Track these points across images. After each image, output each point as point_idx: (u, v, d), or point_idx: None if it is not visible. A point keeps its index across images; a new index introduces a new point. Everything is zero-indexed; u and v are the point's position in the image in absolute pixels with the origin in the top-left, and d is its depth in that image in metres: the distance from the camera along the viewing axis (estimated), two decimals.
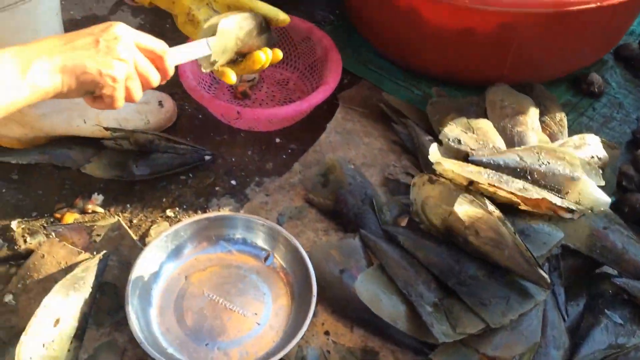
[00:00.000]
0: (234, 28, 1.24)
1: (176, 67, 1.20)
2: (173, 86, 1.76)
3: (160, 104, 1.67)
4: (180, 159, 1.59)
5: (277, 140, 1.70)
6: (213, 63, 1.24)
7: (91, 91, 1.06)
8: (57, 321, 1.24)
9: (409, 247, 1.35)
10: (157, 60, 1.13)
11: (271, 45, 1.35)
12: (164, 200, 1.54)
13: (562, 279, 1.32)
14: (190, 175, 1.60)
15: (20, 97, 0.97)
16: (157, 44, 1.12)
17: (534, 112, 1.60)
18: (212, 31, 1.23)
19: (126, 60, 1.06)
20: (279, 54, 1.36)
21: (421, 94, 1.78)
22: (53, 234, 1.44)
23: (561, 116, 1.65)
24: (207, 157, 1.61)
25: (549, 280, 1.21)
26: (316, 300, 1.28)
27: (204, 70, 1.26)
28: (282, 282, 1.37)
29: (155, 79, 1.13)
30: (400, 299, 1.28)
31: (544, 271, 1.22)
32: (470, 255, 1.30)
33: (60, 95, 1.03)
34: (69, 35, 1.04)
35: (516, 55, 1.64)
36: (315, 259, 1.36)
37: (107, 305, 1.32)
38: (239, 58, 1.31)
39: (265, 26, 1.32)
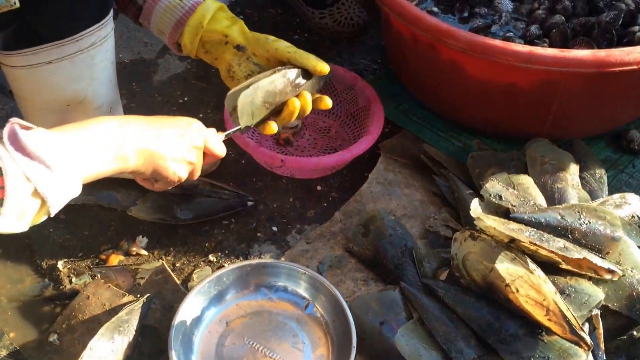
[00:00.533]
0: (257, 94, 1.30)
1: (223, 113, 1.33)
2: (218, 130, 1.80)
3: None
4: (223, 204, 1.62)
5: (318, 187, 1.72)
6: (247, 128, 1.31)
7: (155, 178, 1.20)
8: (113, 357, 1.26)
9: (448, 301, 1.36)
10: (211, 157, 1.27)
11: (317, 91, 1.39)
12: (207, 244, 1.57)
13: (601, 339, 1.32)
14: (233, 220, 1.63)
15: (108, 170, 1.06)
16: (220, 149, 1.27)
17: (574, 169, 1.61)
18: (234, 100, 1.29)
19: (194, 164, 1.21)
20: (327, 101, 1.41)
21: (461, 146, 1.80)
22: (99, 275, 1.47)
23: (601, 173, 1.66)
24: (249, 203, 1.64)
25: (589, 342, 1.22)
26: (355, 351, 1.29)
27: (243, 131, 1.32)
28: (322, 331, 1.39)
29: (197, 176, 1.27)
30: (440, 354, 1.29)
31: (584, 332, 1.23)
32: (511, 313, 1.30)
33: (131, 174, 1.15)
34: (159, 122, 1.16)
35: (557, 112, 1.66)
36: (356, 310, 1.38)
37: (148, 348, 1.35)
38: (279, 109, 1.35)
39: (305, 76, 1.35)
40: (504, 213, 1.44)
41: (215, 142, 1.25)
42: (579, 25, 1.74)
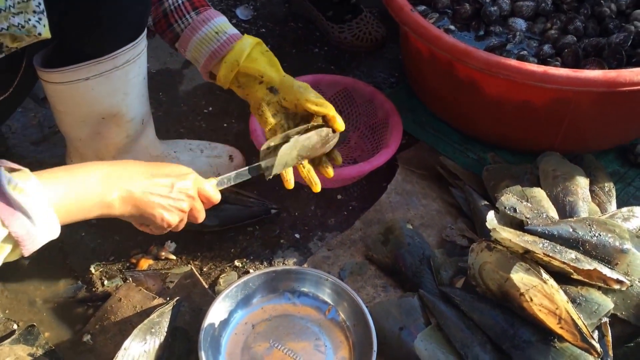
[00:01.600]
0: (293, 148, 1.38)
1: (248, 123, 1.49)
2: (241, 140, 1.88)
3: (231, 158, 1.77)
4: (248, 212, 1.69)
5: (339, 197, 1.79)
6: (269, 174, 1.39)
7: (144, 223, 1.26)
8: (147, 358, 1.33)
9: (465, 308, 1.42)
10: (208, 203, 1.31)
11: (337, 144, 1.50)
12: (232, 250, 1.63)
13: (610, 347, 1.38)
14: (257, 227, 1.70)
15: (91, 216, 1.12)
16: (215, 195, 1.31)
17: (584, 183, 1.67)
18: (266, 153, 1.39)
19: (185, 211, 1.26)
20: (338, 157, 1.53)
21: (476, 158, 1.87)
22: (130, 278, 1.53)
23: (610, 186, 1.73)
24: (272, 211, 1.71)
25: (599, 349, 1.28)
26: (376, 355, 1.36)
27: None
28: (343, 335, 1.45)
29: (201, 219, 1.32)
30: (457, 359, 1.36)
31: (595, 339, 1.30)
32: (525, 320, 1.37)
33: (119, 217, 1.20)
34: (151, 169, 1.21)
35: (569, 127, 1.72)
36: (376, 315, 1.44)
37: (178, 349, 1.41)
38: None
39: (332, 135, 1.45)
40: (518, 225, 1.51)
41: (210, 189, 1.29)
42: (590, 46, 1.80)
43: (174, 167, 1.25)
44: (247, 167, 1.37)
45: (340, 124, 1.45)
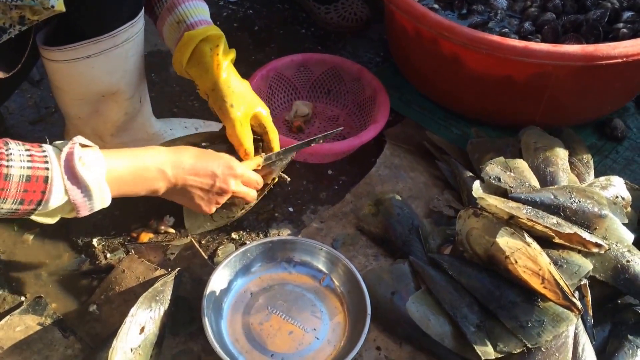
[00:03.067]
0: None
1: None
2: None
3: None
4: None
5: (329, 172, 1.86)
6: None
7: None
8: (142, 329, 1.38)
9: (453, 273, 1.50)
10: (256, 186, 1.48)
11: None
12: (229, 223, 1.69)
13: (589, 306, 1.46)
14: None
15: (140, 194, 1.31)
16: (257, 179, 1.47)
17: (563, 154, 1.75)
18: None
19: (221, 203, 1.44)
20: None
21: (460, 133, 1.94)
22: (132, 251, 1.59)
23: (588, 158, 1.80)
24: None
25: (580, 306, 1.36)
26: (370, 319, 1.43)
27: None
28: (338, 301, 1.52)
29: (251, 200, 1.50)
30: (447, 319, 1.43)
31: (575, 298, 1.37)
32: (510, 282, 1.44)
33: None
34: (200, 162, 1.35)
35: (549, 102, 1.79)
36: (369, 282, 1.51)
37: (181, 317, 1.47)
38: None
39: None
40: (502, 194, 1.58)
41: (252, 176, 1.46)
42: (569, 22, 1.87)
43: (222, 159, 1.38)
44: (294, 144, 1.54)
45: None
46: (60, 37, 1.43)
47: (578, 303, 1.36)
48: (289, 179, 1.58)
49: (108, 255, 1.60)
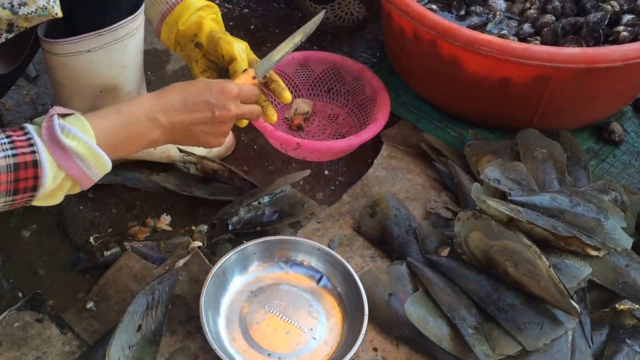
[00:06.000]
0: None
1: None
2: None
3: None
4: (237, 192, 1.75)
5: (326, 172, 1.86)
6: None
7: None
8: (139, 327, 1.38)
9: (451, 275, 1.50)
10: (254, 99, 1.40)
11: None
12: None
13: (588, 310, 1.46)
14: None
15: (140, 149, 1.28)
16: (253, 91, 1.39)
17: (561, 157, 1.75)
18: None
19: (228, 131, 1.37)
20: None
21: (456, 135, 1.94)
22: (129, 248, 1.58)
23: (585, 161, 1.81)
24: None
25: (578, 310, 1.36)
26: (367, 320, 1.43)
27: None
28: (335, 302, 1.52)
29: (255, 118, 1.42)
30: (445, 321, 1.43)
31: (574, 301, 1.38)
32: (508, 285, 1.45)
33: None
34: (190, 96, 1.28)
35: (547, 104, 1.80)
36: (366, 283, 1.51)
37: (178, 315, 1.47)
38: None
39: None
40: (501, 196, 1.58)
41: (250, 90, 1.38)
42: (569, 24, 1.88)
43: (212, 85, 1.31)
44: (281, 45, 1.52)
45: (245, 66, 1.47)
46: (62, 30, 1.42)
47: (577, 306, 1.36)
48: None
49: (105, 252, 1.59)
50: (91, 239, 1.62)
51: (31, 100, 1.98)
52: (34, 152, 1.06)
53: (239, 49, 1.45)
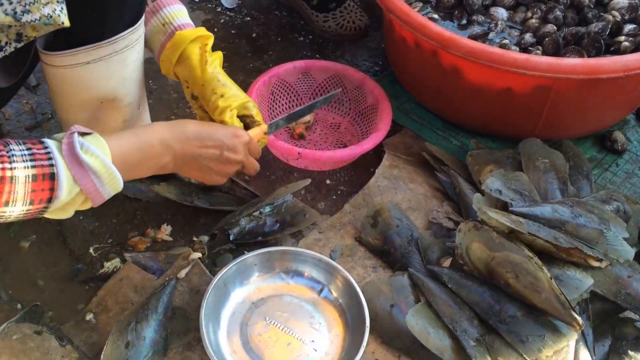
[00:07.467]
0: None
1: None
2: None
3: None
4: (237, 201, 1.74)
5: (328, 182, 1.85)
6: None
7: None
8: (138, 339, 1.38)
9: (452, 286, 1.49)
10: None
11: None
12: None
13: (590, 322, 1.46)
14: None
15: (150, 173, 1.34)
16: (259, 147, 1.52)
17: (564, 167, 1.75)
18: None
19: (231, 174, 1.48)
20: None
21: (458, 144, 1.94)
22: (129, 259, 1.57)
23: (588, 171, 1.80)
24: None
25: (580, 322, 1.35)
26: (368, 331, 1.42)
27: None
28: (337, 313, 1.51)
29: (254, 172, 1.54)
30: (447, 333, 1.42)
31: (576, 313, 1.37)
32: (510, 296, 1.44)
33: None
34: (205, 132, 1.38)
35: (549, 114, 1.79)
36: (368, 294, 1.50)
37: (177, 327, 1.46)
38: None
39: None
40: (503, 207, 1.57)
41: (257, 148, 1.50)
42: (570, 34, 1.87)
43: (228, 128, 1.41)
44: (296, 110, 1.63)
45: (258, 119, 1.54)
46: (60, 42, 1.41)
47: (579, 318, 1.36)
48: None
49: (105, 263, 1.58)
50: (91, 250, 1.62)
51: (31, 110, 1.97)
52: (52, 165, 1.11)
53: (230, 115, 1.48)
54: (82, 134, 1.17)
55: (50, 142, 1.14)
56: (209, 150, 1.37)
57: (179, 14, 1.53)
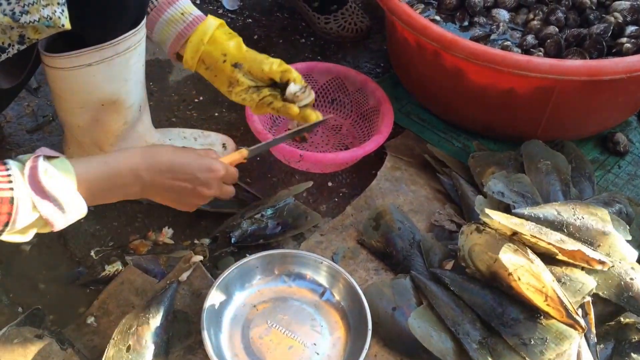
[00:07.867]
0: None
1: (238, 112, 1.81)
2: (233, 129, 1.92)
3: (224, 146, 1.82)
4: (239, 204, 1.74)
5: (329, 184, 1.85)
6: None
7: None
8: (139, 342, 1.37)
9: (455, 289, 1.49)
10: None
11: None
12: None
13: (592, 324, 1.45)
14: None
15: (116, 199, 1.33)
16: (235, 175, 1.48)
17: (566, 169, 1.74)
18: None
19: (200, 204, 1.46)
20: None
21: (460, 146, 1.93)
22: (130, 262, 1.57)
23: (590, 173, 1.80)
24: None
25: (583, 325, 1.35)
26: (370, 334, 1.42)
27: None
28: (339, 316, 1.51)
29: (228, 197, 1.50)
30: (449, 336, 1.42)
31: (579, 316, 1.36)
32: (513, 299, 1.43)
33: None
34: (178, 164, 1.35)
35: (551, 115, 1.78)
36: (370, 297, 1.50)
37: (179, 330, 1.46)
38: None
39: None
40: (505, 209, 1.57)
41: (233, 174, 1.47)
42: (572, 36, 1.86)
43: (203, 161, 1.38)
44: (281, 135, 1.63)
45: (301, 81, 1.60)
46: (62, 44, 1.41)
47: (581, 321, 1.35)
48: None
49: (106, 266, 1.58)
50: (92, 253, 1.62)
51: (32, 112, 1.97)
52: (11, 189, 1.08)
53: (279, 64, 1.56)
54: (49, 157, 1.15)
55: (13, 164, 1.11)
56: (181, 184, 1.35)
57: (193, 7, 1.57)
